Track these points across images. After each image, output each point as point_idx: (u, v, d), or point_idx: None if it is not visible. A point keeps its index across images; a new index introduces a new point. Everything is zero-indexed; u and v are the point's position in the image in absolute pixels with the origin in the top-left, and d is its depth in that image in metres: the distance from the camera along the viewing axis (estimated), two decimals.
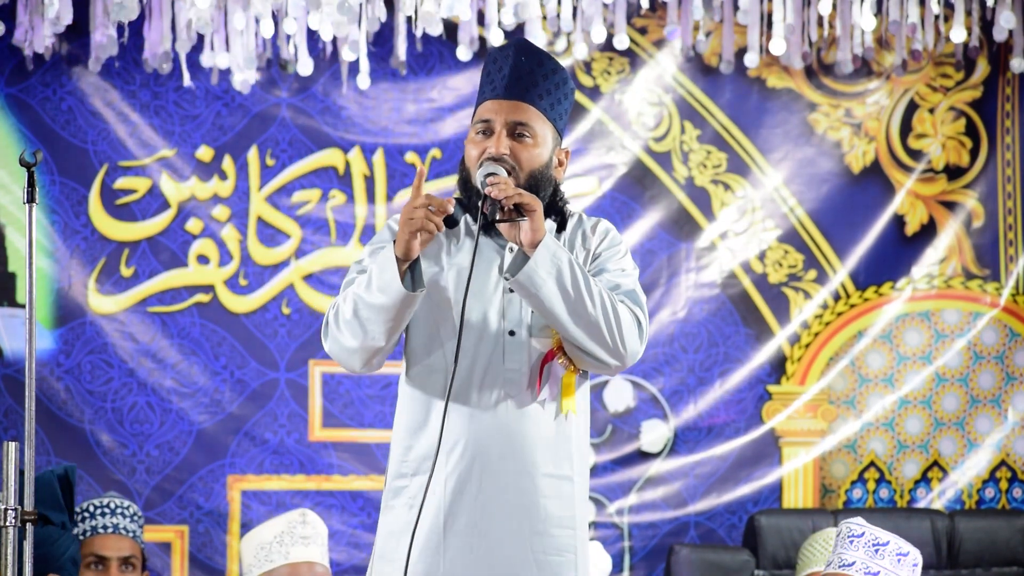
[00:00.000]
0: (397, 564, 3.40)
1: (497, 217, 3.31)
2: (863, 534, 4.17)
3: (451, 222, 3.51)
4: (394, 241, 3.35)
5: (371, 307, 3.34)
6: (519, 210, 3.32)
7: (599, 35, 6.07)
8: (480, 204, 3.34)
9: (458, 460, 3.40)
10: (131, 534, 5.07)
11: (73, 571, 4.90)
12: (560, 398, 3.44)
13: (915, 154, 6.52)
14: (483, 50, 6.22)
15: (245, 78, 6.06)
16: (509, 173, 3.41)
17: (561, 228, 3.52)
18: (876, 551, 4.15)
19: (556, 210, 3.51)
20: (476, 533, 3.40)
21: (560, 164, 3.52)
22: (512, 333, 3.42)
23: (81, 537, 5.05)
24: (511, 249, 3.43)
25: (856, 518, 4.26)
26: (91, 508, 5.09)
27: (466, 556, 3.39)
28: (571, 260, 3.33)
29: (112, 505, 5.09)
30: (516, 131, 3.44)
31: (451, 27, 6.14)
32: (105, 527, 5.05)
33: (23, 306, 6.05)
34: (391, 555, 3.44)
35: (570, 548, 3.45)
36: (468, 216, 3.51)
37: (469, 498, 3.40)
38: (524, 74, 3.45)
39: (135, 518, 5.11)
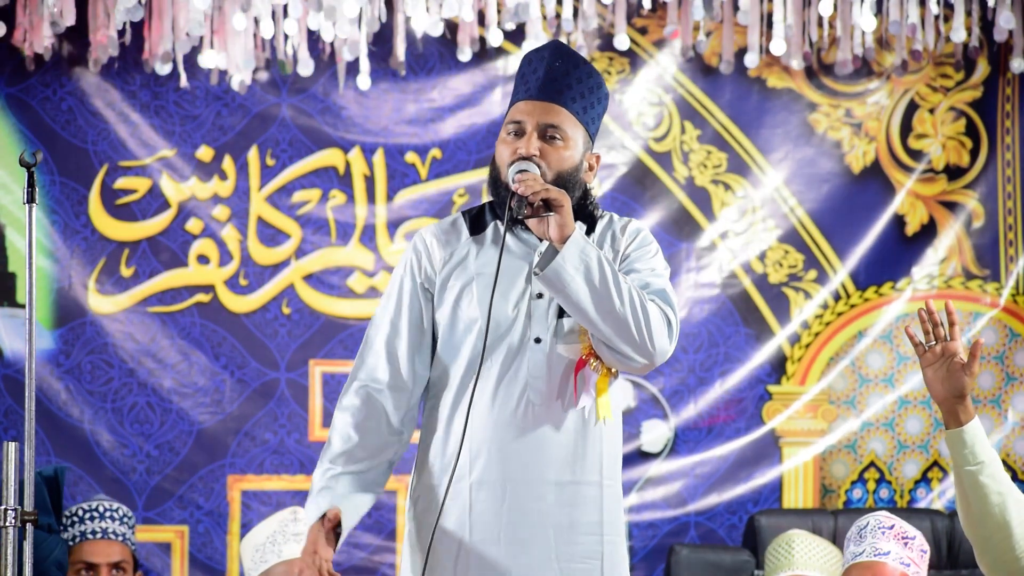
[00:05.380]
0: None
1: (525, 213, 3.31)
2: (893, 526, 4.17)
3: (479, 227, 3.51)
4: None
5: None
6: (547, 205, 3.31)
7: (599, 35, 6.07)
8: (508, 199, 3.34)
9: (483, 469, 3.39)
10: (121, 537, 5.03)
11: (58, 575, 4.86)
12: (596, 403, 3.44)
13: (915, 154, 6.52)
14: (483, 51, 6.23)
15: (243, 79, 6.07)
16: (540, 171, 3.40)
17: (590, 231, 3.50)
18: (906, 544, 4.15)
19: (585, 214, 3.49)
20: (500, 542, 3.39)
21: (591, 168, 3.50)
22: (538, 340, 3.41)
23: (70, 543, 5.01)
24: (540, 253, 3.42)
25: (882, 511, 4.26)
26: (80, 512, 5.04)
27: (488, 565, 3.39)
28: (599, 256, 3.31)
29: (101, 508, 5.04)
30: (547, 133, 3.43)
31: (451, 27, 6.14)
32: (94, 532, 5.01)
33: (23, 306, 6.05)
34: (413, 565, 3.44)
35: (595, 554, 3.43)
36: (497, 221, 3.49)
37: (494, 507, 3.39)
38: (558, 76, 3.44)
39: (124, 520, 5.07)
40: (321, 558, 3.34)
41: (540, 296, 3.41)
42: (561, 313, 3.40)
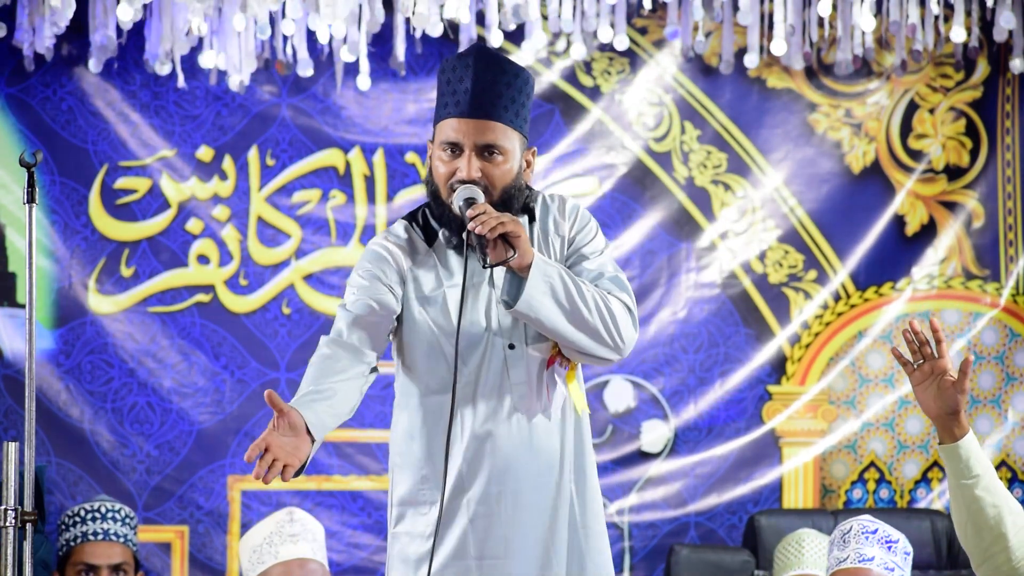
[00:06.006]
0: None
1: (491, 262, 3.29)
2: (876, 530, 4.17)
3: (431, 235, 3.49)
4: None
5: None
6: (505, 239, 3.29)
7: (599, 35, 6.07)
8: (465, 239, 3.31)
9: (486, 484, 3.39)
10: (122, 539, 5.02)
11: (44, 574, 4.85)
12: (569, 399, 3.45)
13: (915, 154, 6.52)
14: None
15: (242, 79, 6.07)
16: (484, 191, 3.38)
17: (531, 220, 3.51)
18: (889, 547, 4.16)
19: (527, 209, 3.49)
20: (503, 555, 3.39)
21: (528, 166, 3.49)
22: (512, 347, 3.42)
23: (72, 543, 5.01)
24: (501, 283, 3.42)
25: (865, 515, 4.26)
26: (81, 513, 5.03)
27: None
28: (560, 273, 3.34)
29: (102, 509, 5.03)
30: (485, 151, 3.40)
31: (451, 27, 6.14)
32: (95, 533, 5.00)
33: (23, 306, 6.05)
34: None
35: (576, 549, 3.45)
36: (444, 230, 3.46)
37: (494, 521, 3.40)
38: (487, 87, 3.40)
39: (126, 521, 5.06)
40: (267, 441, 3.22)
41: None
42: None
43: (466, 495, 3.39)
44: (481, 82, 3.40)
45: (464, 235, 3.32)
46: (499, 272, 3.42)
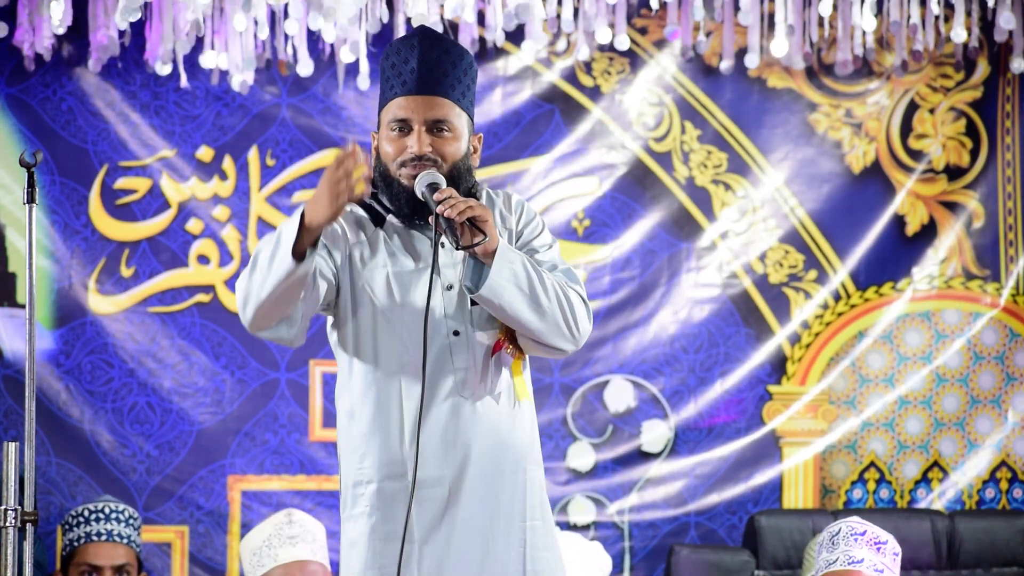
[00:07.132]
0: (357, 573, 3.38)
1: (461, 243, 3.28)
2: (865, 532, 4.19)
3: (378, 220, 3.48)
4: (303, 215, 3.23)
5: (265, 267, 3.26)
6: (473, 223, 3.28)
7: (599, 35, 6.07)
8: (434, 223, 3.29)
9: (428, 468, 3.36)
10: (126, 540, 5.02)
11: (38, 574, 4.85)
12: (513, 387, 3.45)
13: (915, 154, 6.52)
14: (483, 51, 6.23)
15: (244, 79, 6.07)
16: (434, 167, 3.38)
17: None
18: (878, 549, 4.17)
19: (474, 197, 3.48)
20: (448, 540, 3.37)
21: (475, 151, 3.50)
22: (456, 333, 3.41)
23: (75, 543, 5.01)
24: (443, 244, 3.40)
25: (853, 517, 4.27)
26: (85, 513, 5.03)
27: (441, 562, 3.37)
28: (523, 260, 3.34)
29: (107, 510, 5.03)
30: (434, 127, 3.41)
31: (452, 27, 6.14)
32: (99, 534, 5.00)
33: (23, 306, 6.05)
34: (349, 565, 3.41)
35: (519, 541, 3.44)
36: (391, 216, 3.46)
37: (443, 505, 3.38)
38: (433, 66, 3.41)
39: (130, 522, 5.06)
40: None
41: (450, 288, 3.42)
42: (473, 301, 3.41)
43: (407, 478, 3.35)
44: (427, 61, 3.41)
45: (432, 219, 3.30)
46: (444, 258, 3.41)
